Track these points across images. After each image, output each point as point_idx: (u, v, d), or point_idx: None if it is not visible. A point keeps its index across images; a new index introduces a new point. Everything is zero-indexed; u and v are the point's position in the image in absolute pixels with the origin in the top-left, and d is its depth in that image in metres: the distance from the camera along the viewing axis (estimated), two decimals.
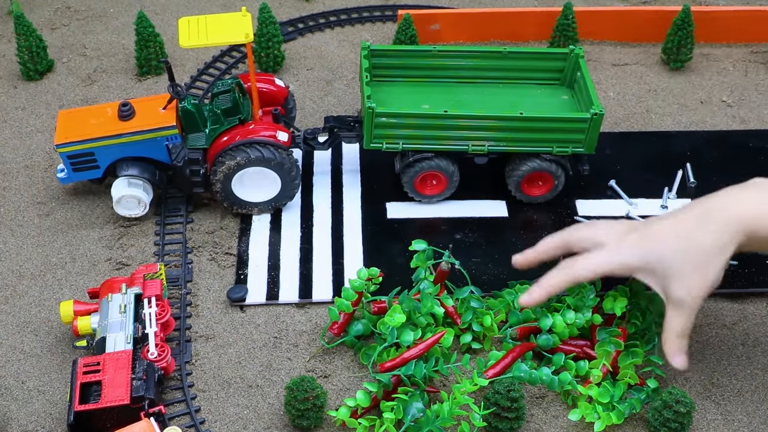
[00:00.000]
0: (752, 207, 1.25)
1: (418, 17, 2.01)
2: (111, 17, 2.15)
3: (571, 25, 1.98)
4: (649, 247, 1.28)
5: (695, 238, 1.25)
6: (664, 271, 1.26)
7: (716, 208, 1.26)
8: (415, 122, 1.55)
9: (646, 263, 1.28)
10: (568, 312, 1.38)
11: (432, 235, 1.60)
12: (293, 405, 1.27)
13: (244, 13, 1.54)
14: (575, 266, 1.32)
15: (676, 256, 1.25)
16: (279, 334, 1.45)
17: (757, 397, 1.37)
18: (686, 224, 1.26)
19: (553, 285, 1.33)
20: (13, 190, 1.70)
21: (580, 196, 1.68)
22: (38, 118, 1.86)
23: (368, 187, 1.70)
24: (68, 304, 1.40)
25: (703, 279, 1.25)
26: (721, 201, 1.27)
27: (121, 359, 1.30)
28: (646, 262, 1.28)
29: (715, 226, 1.24)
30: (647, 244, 1.28)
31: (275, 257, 1.56)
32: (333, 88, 1.94)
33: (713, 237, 1.24)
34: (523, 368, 1.31)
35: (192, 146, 1.58)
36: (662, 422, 1.27)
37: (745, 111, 1.89)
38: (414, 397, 1.28)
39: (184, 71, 1.98)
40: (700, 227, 1.25)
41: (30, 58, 1.93)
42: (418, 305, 1.37)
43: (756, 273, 1.54)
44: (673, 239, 1.26)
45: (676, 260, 1.25)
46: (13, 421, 1.33)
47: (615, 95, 1.93)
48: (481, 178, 1.69)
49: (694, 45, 1.98)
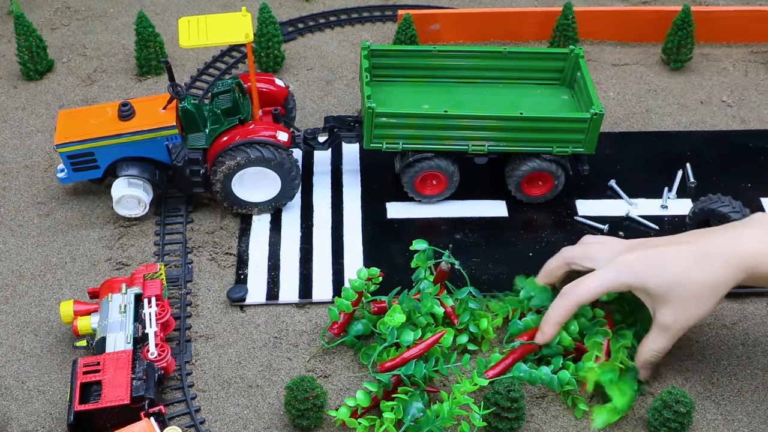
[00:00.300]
0: (752, 246, 1.26)
1: (418, 17, 2.01)
2: (111, 17, 2.15)
3: (571, 25, 1.98)
4: (646, 270, 1.29)
5: (692, 274, 1.26)
6: (656, 295, 1.29)
7: (715, 251, 1.26)
8: (415, 122, 1.55)
9: (641, 283, 1.29)
10: (572, 324, 1.37)
11: (432, 235, 1.60)
12: (293, 405, 1.27)
13: (244, 13, 1.54)
14: (576, 291, 1.33)
15: (671, 286, 1.27)
16: (279, 334, 1.45)
17: (757, 397, 1.37)
18: (685, 258, 1.27)
19: (560, 316, 1.35)
20: (13, 190, 1.70)
21: (580, 196, 1.68)
22: (38, 118, 1.86)
23: (368, 187, 1.70)
24: (68, 304, 1.40)
25: (693, 312, 1.27)
26: (721, 242, 1.27)
27: (121, 359, 1.30)
28: (642, 282, 1.29)
29: (712, 267, 1.25)
30: (644, 267, 1.29)
31: (275, 257, 1.56)
32: (333, 88, 1.94)
33: (710, 277, 1.26)
34: (522, 368, 1.31)
35: (192, 146, 1.58)
36: (662, 422, 1.27)
37: (745, 111, 1.89)
38: (414, 397, 1.28)
39: (184, 71, 1.98)
40: (697, 265, 1.26)
41: (30, 58, 1.93)
42: (418, 305, 1.37)
43: None
44: (671, 269, 1.27)
45: (671, 289, 1.27)
46: (13, 421, 1.33)
47: (615, 95, 1.93)
48: (481, 178, 1.69)
49: (694, 45, 1.98)
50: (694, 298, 1.26)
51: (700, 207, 1.52)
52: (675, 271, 1.27)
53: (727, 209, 1.48)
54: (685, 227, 1.57)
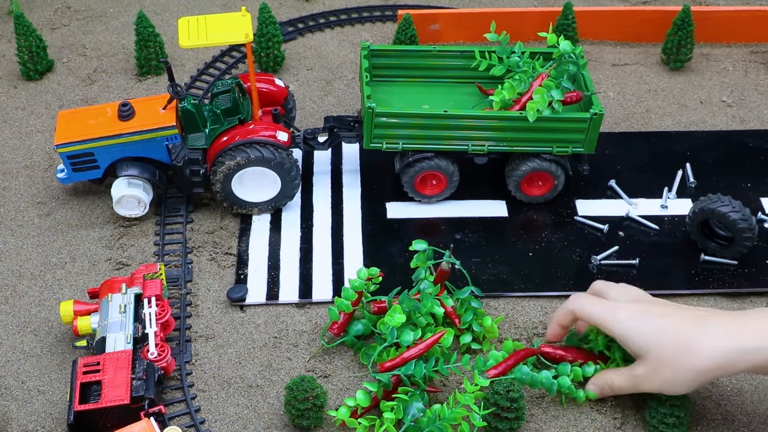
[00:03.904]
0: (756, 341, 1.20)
1: (418, 17, 2.01)
2: (111, 17, 2.15)
3: (571, 25, 1.99)
4: (642, 328, 1.26)
5: (681, 357, 1.22)
6: (638, 351, 1.26)
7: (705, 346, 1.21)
8: (415, 122, 1.55)
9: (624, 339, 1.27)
10: None
11: (432, 235, 1.60)
12: (293, 405, 1.27)
13: (244, 13, 1.54)
14: (577, 301, 1.33)
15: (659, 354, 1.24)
16: (279, 334, 1.45)
17: (757, 397, 1.37)
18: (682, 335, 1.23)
19: (558, 316, 1.36)
20: (13, 190, 1.70)
21: (580, 196, 1.68)
22: (38, 118, 1.86)
23: (368, 187, 1.70)
24: (68, 304, 1.40)
25: (667, 382, 1.24)
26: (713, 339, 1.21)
27: (121, 359, 1.30)
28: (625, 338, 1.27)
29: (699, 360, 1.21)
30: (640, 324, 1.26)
31: (275, 257, 1.56)
32: (333, 88, 1.94)
33: (695, 367, 1.21)
34: (524, 370, 1.31)
35: (192, 146, 1.58)
36: (662, 421, 1.27)
37: (745, 111, 1.89)
38: (414, 397, 1.28)
39: (184, 71, 1.98)
40: (687, 353, 1.22)
41: (30, 58, 1.93)
42: (418, 305, 1.37)
43: (756, 273, 1.54)
44: (663, 337, 1.24)
45: (654, 354, 1.24)
46: (13, 421, 1.33)
47: (615, 95, 1.93)
48: (481, 178, 1.69)
49: (694, 45, 1.98)
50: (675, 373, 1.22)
51: (700, 207, 1.52)
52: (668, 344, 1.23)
53: (727, 209, 1.49)
54: (684, 227, 1.58)
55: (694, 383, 1.23)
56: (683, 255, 1.57)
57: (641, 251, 1.57)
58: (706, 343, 1.21)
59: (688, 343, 1.22)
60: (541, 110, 1.52)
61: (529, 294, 1.50)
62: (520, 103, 1.58)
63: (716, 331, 1.21)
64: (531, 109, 1.52)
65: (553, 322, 1.37)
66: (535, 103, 1.52)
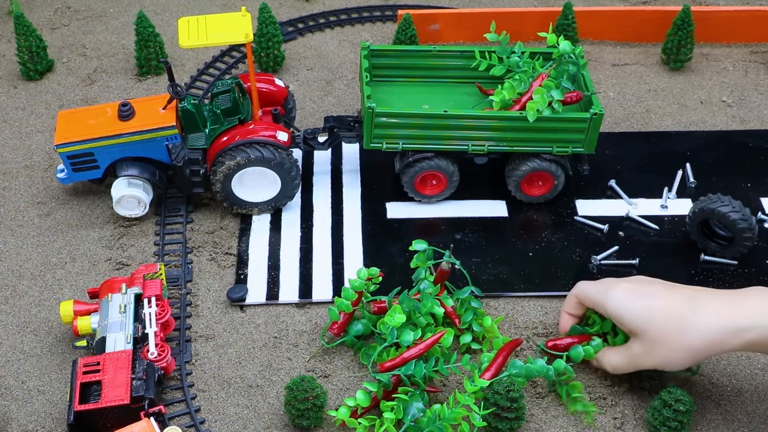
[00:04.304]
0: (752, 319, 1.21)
1: (418, 17, 2.01)
2: (111, 17, 2.15)
3: (571, 25, 1.99)
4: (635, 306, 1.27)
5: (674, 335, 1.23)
6: (633, 329, 1.28)
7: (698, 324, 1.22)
8: (415, 122, 1.55)
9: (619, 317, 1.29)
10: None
11: (432, 235, 1.60)
12: (293, 405, 1.27)
13: (244, 13, 1.54)
14: (580, 287, 1.38)
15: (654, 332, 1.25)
16: (279, 334, 1.45)
17: (757, 397, 1.37)
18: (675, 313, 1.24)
19: (566, 305, 1.41)
20: (13, 190, 1.70)
21: (580, 196, 1.68)
22: (38, 118, 1.86)
23: (368, 187, 1.70)
24: (68, 304, 1.40)
25: (663, 360, 1.26)
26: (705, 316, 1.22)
27: (121, 359, 1.30)
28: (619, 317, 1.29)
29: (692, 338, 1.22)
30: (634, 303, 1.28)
31: (275, 257, 1.56)
32: (333, 88, 1.94)
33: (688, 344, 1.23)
34: (518, 364, 1.31)
35: (192, 146, 1.58)
36: (662, 421, 1.27)
37: (745, 111, 1.89)
38: (414, 397, 1.28)
39: (184, 71, 1.98)
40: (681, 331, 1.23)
41: (30, 58, 1.93)
42: (418, 305, 1.37)
43: (756, 273, 1.54)
44: (657, 315, 1.25)
45: (649, 333, 1.25)
46: (13, 421, 1.33)
47: (615, 95, 1.93)
48: (481, 178, 1.70)
49: (694, 45, 1.98)
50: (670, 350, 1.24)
51: (700, 207, 1.52)
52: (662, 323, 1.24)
53: (727, 209, 1.49)
54: (684, 227, 1.58)
55: (690, 360, 1.25)
56: (683, 255, 1.57)
57: (641, 251, 1.57)
58: (698, 320, 1.22)
59: (681, 321, 1.23)
60: (541, 110, 1.52)
61: (529, 294, 1.51)
62: (520, 103, 1.58)
63: (709, 310, 1.23)
64: (531, 109, 1.52)
65: (562, 312, 1.41)
66: (535, 103, 1.52)
